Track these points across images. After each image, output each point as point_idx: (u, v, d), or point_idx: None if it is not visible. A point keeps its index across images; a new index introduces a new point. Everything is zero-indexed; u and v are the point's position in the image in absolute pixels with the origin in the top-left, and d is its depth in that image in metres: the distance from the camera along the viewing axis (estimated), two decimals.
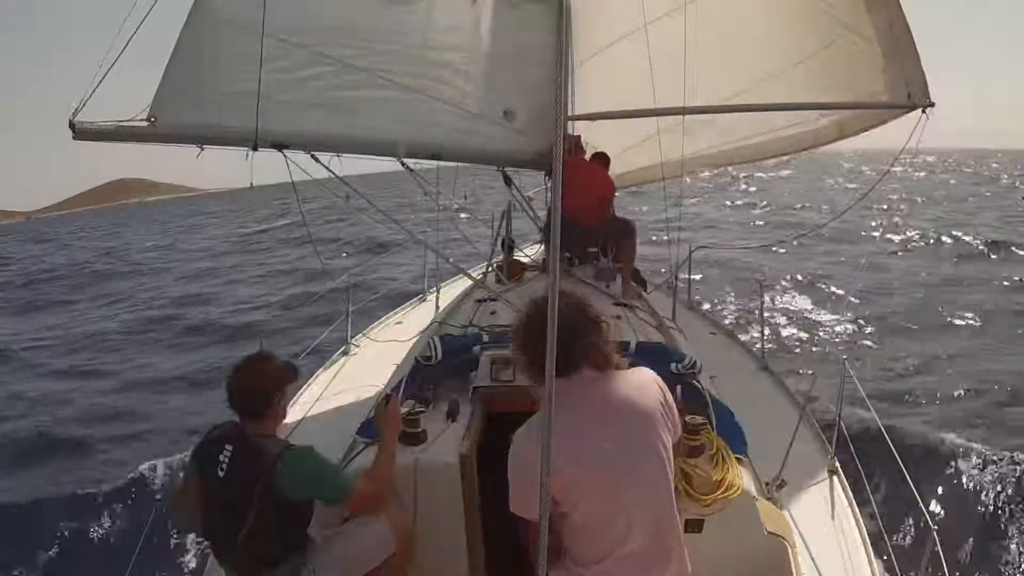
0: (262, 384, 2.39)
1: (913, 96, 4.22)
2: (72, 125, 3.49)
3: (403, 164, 4.50)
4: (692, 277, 6.58)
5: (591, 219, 5.01)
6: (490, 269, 5.49)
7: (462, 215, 6.02)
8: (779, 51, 4.88)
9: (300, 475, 2.30)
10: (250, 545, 2.28)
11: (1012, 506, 5.32)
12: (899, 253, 16.82)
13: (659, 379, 2.05)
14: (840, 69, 4.60)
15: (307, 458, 2.34)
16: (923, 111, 4.18)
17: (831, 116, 5.05)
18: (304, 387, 4.33)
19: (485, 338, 3.37)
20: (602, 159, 5.75)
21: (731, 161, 6.00)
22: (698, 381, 3.12)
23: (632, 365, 2.14)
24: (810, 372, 7.44)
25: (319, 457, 2.39)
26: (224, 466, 2.30)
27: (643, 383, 2.00)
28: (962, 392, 7.64)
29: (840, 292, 12.03)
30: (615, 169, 6.00)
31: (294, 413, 3.53)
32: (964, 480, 5.69)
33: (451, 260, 5.41)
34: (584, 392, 1.89)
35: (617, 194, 5.77)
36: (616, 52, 5.84)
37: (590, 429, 1.87)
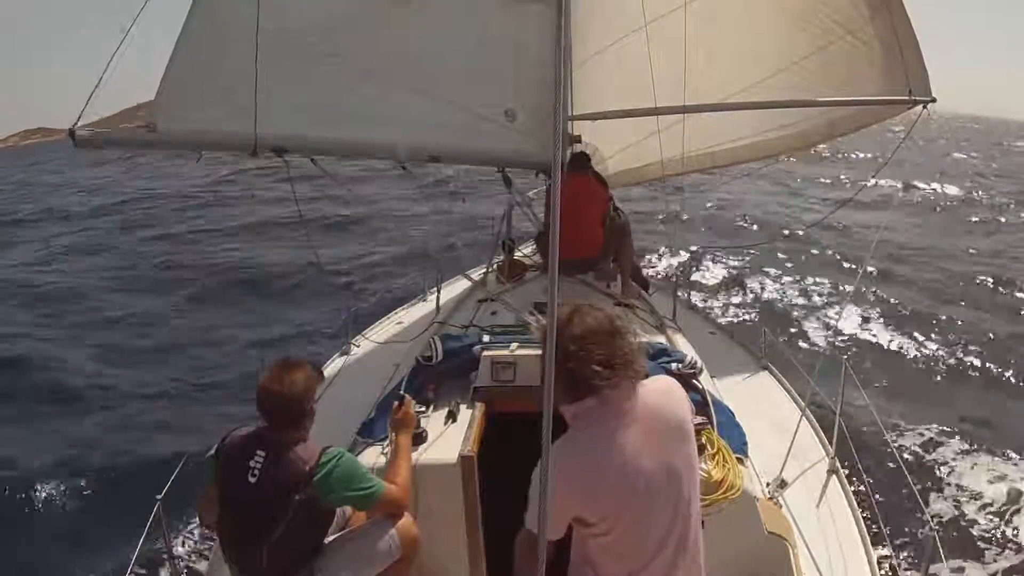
0: (295, 398, 2.35)
1: (914, 92, 4.24)
2: (71, 133, 3.49)
3: (403, 167, 4.50)
4: (692, 277, 6.58)
5: (594, 247, 4.98)
6: (490, 269, 5.49)
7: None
8: (778, 50, 4.89)
9: (336, 481, 2.29)
10: (274, 554, 2.27)
11: (1012, 506, 5.32)
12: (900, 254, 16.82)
13: (679, 384, 2.00)
14: (841, 67, 4.62)
15: (342, 463, 2.32)
16: (924, 107, 4.21)
17: (827, 114, 5.06)
18: None
19: (486, 338, 3.37)
20: (582, 161, 5.52)
21: (729, 161, 6.00)
22: (698, 381, 3.12)
23: None
24: (810, 372, 7.43)
25: (352, 461, 2.39)
26: (256, 471, 2.26)
27: (672, 391, 1.94)
28: (963, 392, 7.64)
29: (841, 292, 12.02)
30: (614, 168, 5.99)
31: None
32: (964, 480, 5.69)
33: (450, 260, 5.40)
34: (622, 407, 1.81)
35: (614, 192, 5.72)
36: (617, 52, 5.83)
37: (631, 445, 1.78)
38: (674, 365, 3.15)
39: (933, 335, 9.87)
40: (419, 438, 2.74)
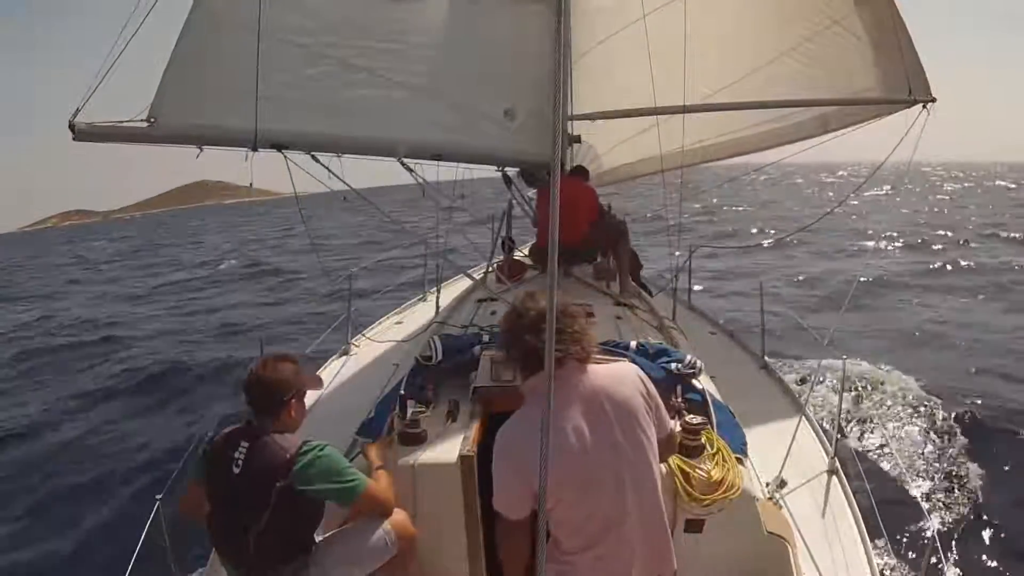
0: (277, 381, 2.41)
1: (914, 91, 4.23)
2: (72, 126, 3.48)
3: (403, 164, 4.50)
4: (692, 277, 6.58)
5: (582, 236, 4.99)
6: (490, 269, 5.49)
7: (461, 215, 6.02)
8: (774, 45, 4.89)
9: (316, 471, 2.30)
10: (261, 544, 2.28)
11: (1013, 506, 5.31)
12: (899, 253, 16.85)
13: (641, 372, 2.07)
14: (839, 65, 4.61)
15: (323, 454, 2.34)
16: (924, 106, 4.19)
17: (826, 109, 5.04)
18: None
19: (485, 338, 3.37)
20: (581, 173, 5.62)
21: (725, 154, 5.97)
22: (698, 381, 3.11)
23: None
24: (810, 372, 7.43)
25: (335, 454, 2.40)
26: (239, 462, 2.30)
27: (623, 374, 2.01)
28: (963, 392, 7.64)
29: (841, 291, 12.03)
30: (609, 164, 5.98)
31: None
32: (964, 480, 5.69)
33: (450, 260, 5.41)
34: (567, 385, 1.90)
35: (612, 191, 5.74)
36: (612, 47, 5.83)
37: (572, 421, 1.87)
38: (674, 365, 3.13)
39: (933, 335, 9.88)
40: (419, 438, 2.74)
